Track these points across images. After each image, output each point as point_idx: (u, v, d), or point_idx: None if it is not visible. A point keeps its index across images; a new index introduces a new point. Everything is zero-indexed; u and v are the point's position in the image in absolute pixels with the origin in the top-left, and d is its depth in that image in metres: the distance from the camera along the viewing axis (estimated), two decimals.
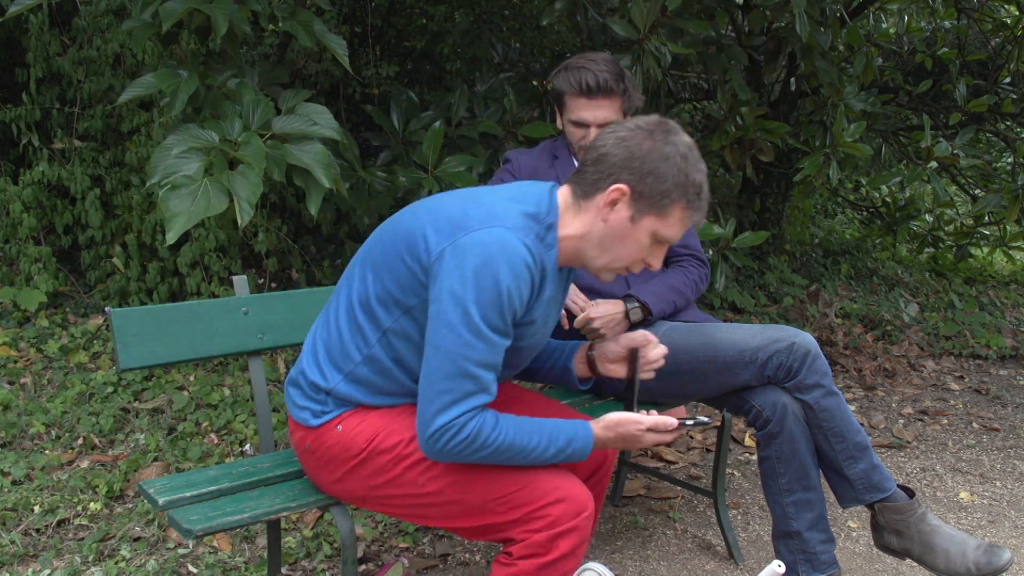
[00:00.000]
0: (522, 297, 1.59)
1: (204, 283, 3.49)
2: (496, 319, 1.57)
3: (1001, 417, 4.00)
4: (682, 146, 1.65)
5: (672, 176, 1.63)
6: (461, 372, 1.56)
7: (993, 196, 4.61)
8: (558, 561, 1.64)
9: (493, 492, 1.66)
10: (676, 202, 1.64)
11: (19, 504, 2.58)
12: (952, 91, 4.89)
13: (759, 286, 5.39)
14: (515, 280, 1.56)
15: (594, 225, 1.68)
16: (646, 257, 1.72)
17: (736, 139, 3.84)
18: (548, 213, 1.67)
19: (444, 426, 1.57)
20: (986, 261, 7.25)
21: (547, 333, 1.84)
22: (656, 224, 1.66)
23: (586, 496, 1.68)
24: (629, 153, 1.63)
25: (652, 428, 1.72)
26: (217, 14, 2.36)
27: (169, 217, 2.18)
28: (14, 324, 3.52)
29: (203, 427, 3.08)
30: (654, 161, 1.62)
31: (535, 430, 1.66)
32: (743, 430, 3.60)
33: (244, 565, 2.44)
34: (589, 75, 2.33)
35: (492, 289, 1.55)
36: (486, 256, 1.55)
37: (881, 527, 2.20)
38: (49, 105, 3.83)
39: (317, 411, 1.76)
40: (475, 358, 1.56)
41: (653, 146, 1.63)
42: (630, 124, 1.68)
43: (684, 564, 2.61)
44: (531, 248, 1.59)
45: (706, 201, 1.69)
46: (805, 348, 2.17)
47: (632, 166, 1.63)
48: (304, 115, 2.52)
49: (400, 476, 1.71)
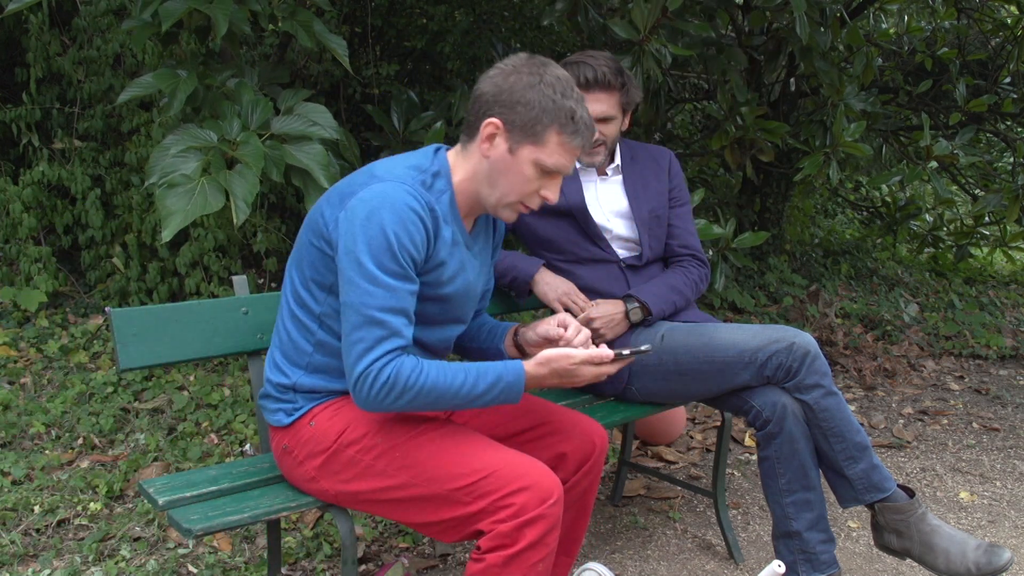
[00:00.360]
0: (414, 240, 1.64)
1: (204, 283, 3.49)
2: (390, 263, 1.62)
3: (1001, 417, 4.00)
4: (549, 76, 1.70)
5: (540, 103, 1.68)
6: (367, 320, 1.61)
7: (993, 196, 4.61)
8: (526, 551, 1.62)
9: (457, 481, 1.66)
10: (549, 128, 1.69)
11: (19, 504, 2.58)
12: (952, 91, 4.89)
13: (759, 286, 5.39)
14: (401, 224, 1.62)
15: (480, 164, 1.75)
16: (539, 190, 1.76)
17: (736, 139, 3.84)
18: (432, 163, 1.76)
19: (362, 373, 1.62)
20: (986, 261, 7.25)
21: (476, 285, 1.87)
22: (535, 153, 1.71)
23: (551, 482, 1.65)
24: (498, 88, 1.70)
25: (587, 361, 1.72)
26: (217, 14, 2.36)
27: (165, 215, 2.19)
28: (14, 324, 3.52)
29: (203, 427, 3.08)
30: (521, 91, 1.69)
31: (461, 369, 1.68)
32: (743, 430, 3.60)
33: (244, 565, 2.44)
34: (587, 69, 2.34)
35: (379, 236, 1.61)
36: (370, 208, 1.63)
37: (881, 527, 2.20)
38: (49, 105, 3.83)
39: (289, 409, 1.81)
40: (376, 304, 1.61)
41: (520, 78, 1.70)
42: (502, 64, 1.74)
43: (684, 564, 2.61)
44: (415, 194, 1.66)
45: (585, 126, 1.72)
46: (805, 348, 2.17)
47: (501, 99, 1.69)
48: (303, 115, 2.52)
49: (369, 467, 1.72)
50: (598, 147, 2.42)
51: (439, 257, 1.72)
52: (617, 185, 2.52)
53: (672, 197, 2.57)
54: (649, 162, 2.57)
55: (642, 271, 2.48)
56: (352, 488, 1.75)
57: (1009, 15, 5.20)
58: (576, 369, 1.72)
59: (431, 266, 1.71)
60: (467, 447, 1.70)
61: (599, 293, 2.43)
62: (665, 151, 2.61)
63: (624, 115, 2.45)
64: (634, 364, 2.38)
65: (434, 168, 1.75)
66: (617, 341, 2.39)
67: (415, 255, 1.66)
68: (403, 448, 1.71)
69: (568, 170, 1.76)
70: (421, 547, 2.62)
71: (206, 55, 2.89)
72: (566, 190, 2.44)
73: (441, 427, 1.76)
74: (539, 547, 1.63)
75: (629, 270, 2.47)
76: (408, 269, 1.65)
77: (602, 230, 2.46)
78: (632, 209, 2.48)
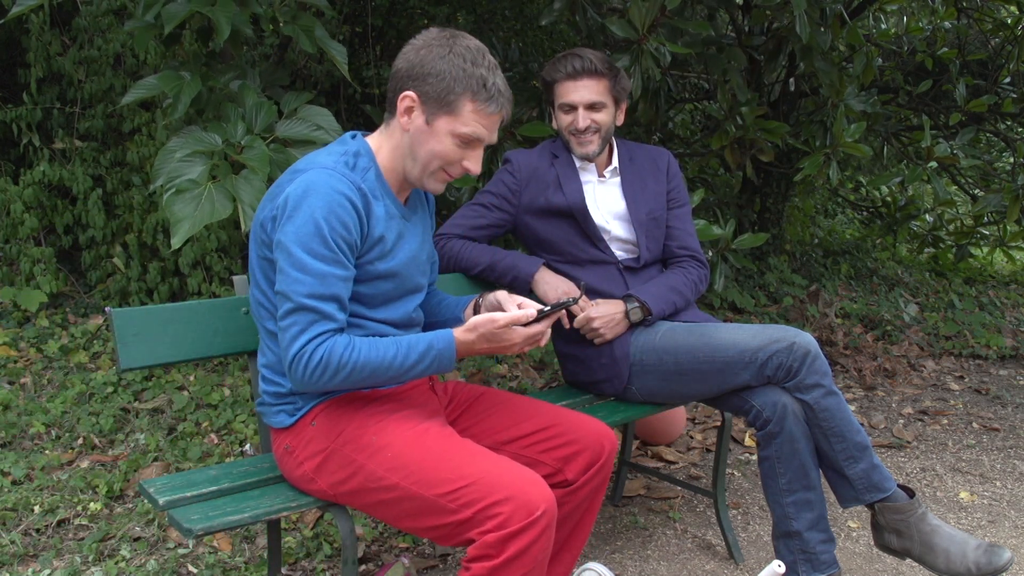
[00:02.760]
0: (344, 222, 1.66)
1: (205, 283, 3.49)
2: (320, 248, 1.64)
3: (1001, 417, 4.00)
4: (459, 46, 1.72)
5: (451, 72, 1.70)
6: (298, 307, 1.65)
7: (993, 196, 4.61)
8: (511, 563, 1.59)
9: (442, 486, 1.64)
10: (462, 96, 1.71)
11: (19, 504, 2.58)
12: (952, 91, 4.89)
13: (759, 286, 5.39)
14: (328, 208, 1.65)
15: (402, 139, 1.77)
16: (461, 161, 1.78)
17: (736, 139, 3.84)
18: (351, 145, 1.79)
19: (296, 355, 1.65)
20: (986, 261, 7.25)
21: (420, 254, 1.89)
22: (452, 123, 1.72)
23: (538, 494, 1.62)
24: (410, 63, 1.73)
25: (512, 323, 1.72)
26: (220, 17, 2.35)
27: (174, 222, 2.20)
28: (14, 324, 3.52)
29: (203, 427, 3.08)
30: (431, 62, 1.71)
31: (391, 343, 1.70)
32: (743, 430, 3.60)
33: (244, 565, 2.44)
34: (574, 60, 2.39)
35: (308, 223, 1.64)
36: (297, 199, 1.66)
37: (881, 527, 2.20)
38: (50, 105, 3.83)
39: (290, 410, 1.83)
40: (305, 291, 1.64)
41: (430, 51, 1.72)
42: (415, 39, 1.76)
43: (684, 564, 2.61)
44: (339, 176, 1.68)
45: (499, 93, 1.74)
46: (805, 348, 2.17)
47: (413, 73, 1.72)
48: (307, 118, 2.52)
49: (361, 468, 1.72)
50: (591, 136, 2.42)
51: (376, 233, 1.74)
52: (615, 187, 2.52)
53: (671, 198, 2.57)
54: (647, 163, 2.57)
55: (640, 273, 2.48)
56: (346, 488, 1.75)
57: (1009, 15, 5.20)
58: (503, 332, 1.72)
59: (371, 243, 1.74)
60: (457, 453, 1.69)
61: (598, 294, 2.43)
62: (663, 152, 2.61)
63: (617, 106, 2.46)
64: (634, 364, 2.38)
65: (354, 148, 1.78)
66: (617, 341, 2.39)
67: (347, 237, 1.67)
68: (396, 449, 1.71)
69: (488, 138, 1.77)
70: (421, 547, 2.62)
71: (208, 55, 2.89)
72: (566, 190, 2.44)
73: (439, 431, 1.75)
74: (525, 559, 1.60)
75: (627, 272, 2.47)
76: (340, 254, 1.67)
77: (601, 231, 2.46)
78: (630, 211, 2.48)
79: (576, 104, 2.40)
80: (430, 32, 1.76)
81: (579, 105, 2.39)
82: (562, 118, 2.45)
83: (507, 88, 1.76)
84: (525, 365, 3.90)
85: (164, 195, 2.25)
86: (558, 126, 2.48)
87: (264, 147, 2.34)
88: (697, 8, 3.56)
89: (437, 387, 1.99)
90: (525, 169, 2.49)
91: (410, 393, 1.89)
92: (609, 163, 2.52)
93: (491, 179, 2.55)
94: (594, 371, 2.46)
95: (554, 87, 2.43)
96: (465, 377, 3.70)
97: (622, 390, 2.43)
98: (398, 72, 1.75)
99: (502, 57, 4.11)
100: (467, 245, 2.45)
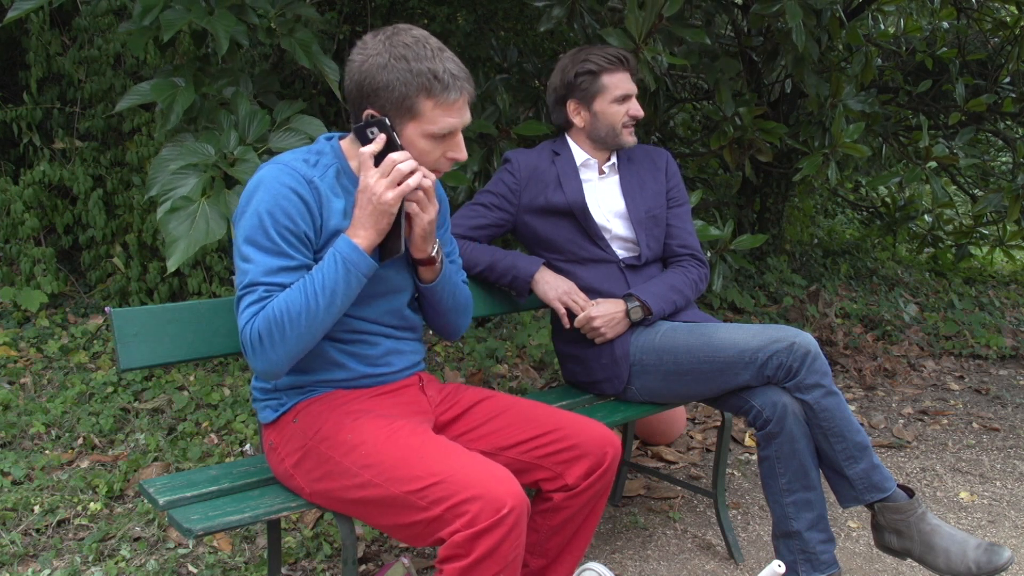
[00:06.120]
0: (288, 213, 1.67)
1: (205, 283, 3.49)
2: (262, 240, 1.66)
3: (1001, 417, 4.00)
4: (397, 49, 1.68)
5: (397, 79, 1.67)
6: (241, 297, 1.69)
7: (993, 196, 4.62)
8: (481, 562, 1.55)
9: (411, 484, 1.62)
10: (417, 98, 1.68)
11: (19, 504, 2.58)
12: (952, 91, 4.89)
13: (759, 286, 5.40)
14: (274, 200, 1.66)
15: None
16: (444, 154, 1.76)
17: (735, 139, 3.85)
18: (320, 145, 1.80)
19: (245, 343, 1.69)
20: (986, 261, 7.26)
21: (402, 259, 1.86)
22: (419, 126, 1.70)
23: (506, 492, 1.58)
24: (356, 82, 1.70)
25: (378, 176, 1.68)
26: (218, 29, 2.34)
27: (169, 242, 2.20)
28: (14, 324, 3.52)
29: (203, 427, 3.08)
30: (375, 76, 1.67)
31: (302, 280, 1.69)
32: (743, 430, 3.60)
33: (244, 565, 2.44)
34: (611, 50, 2.42)
35: (253, 217, 1.67)
36: (247, 196, 1.69)
37: (881, 527, 2.20)
38: (50, 105, 3.83)
39: (275, 405, 1.86)
40: (248, 280, 1.67)
41: (371, 65, 1.68)
42: (353, 55, 1.73)
43: (684, 564, 2.61)
44: (289, 170, 1.69)
45: (454, 77, 1.69)
46: (805, 348, 2.17)
47: (364, 91, 1.69)
48: (298, 129, 2.51)
49: (337, 464, 1.71)
50: (630, 127, 2.48)
51: (331, 226, 1.73)
52: (614, 185, 2.52)
53: (670, 197, 2.57)
54: (646, 162, 2.57)
55: (641, 271, 2.49)
56: (322, 487, 1.75)
57: (1009, 15, 5.20)
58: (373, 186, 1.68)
59: (327, 236, 1.73)
60: (429, 451, 1.66)
61: (599, 293, 2.43)
62: (662, 151, 2.62)
63: None
64: (634, 364, 2.38)
65: (318, 148, 1.79)
66: (617, 341, 2.40)
67: (294, 228, 1.68)
68: (370, 446, 1.69)
69: (461, 124, 1.74)
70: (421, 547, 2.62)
71: (203, 59, 2.88)
72: (566, 189, 2.44)
73: (412, 428, 1.73)
74: (496, 558, 1.56)
75: (629, 270, 2.47)
76: (284, 245, 1.67)
77: (601, 230, 2.46)
78: (629, 210, 2.48)
79: (631, 93, 2.43)
80: (365, 44, 1.72)
81: (632, 94, 2.43)
82: (615, 110, 2.43)
83: (460, 67, 1.71)
84: (525, 365, 3.90)
85: (159, 208, 2.25)
86: (606, 119, 2.45)
87: (256, 159, 2.34)
88: (696, 12, 3.55)
89: (429, 388, 1.98)
90: (525, 169, 2.49)
91: (396, 393, 1.89)
92: (608, 160, 2.53)
93: (491, 179, 2.56)
94: (594, 371, 2.46)
95: (601, 78, 2.42)
96: (465, 378, 3.70)
97: (622, 390, 2.43)
98: (350, 93, 1.72)
99: (502, 58, 4.11)
100: (467, 245, 2.45)
